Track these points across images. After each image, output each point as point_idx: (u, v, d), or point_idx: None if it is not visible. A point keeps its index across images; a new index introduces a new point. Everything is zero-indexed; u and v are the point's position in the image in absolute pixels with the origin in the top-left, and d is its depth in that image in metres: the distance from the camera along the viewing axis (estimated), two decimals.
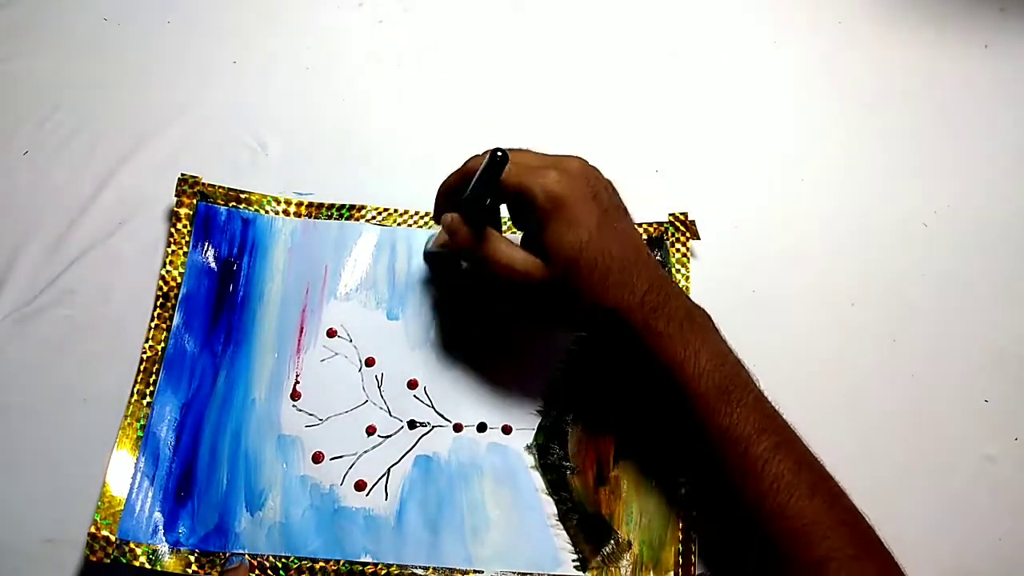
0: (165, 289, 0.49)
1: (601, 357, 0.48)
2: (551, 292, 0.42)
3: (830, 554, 0.37)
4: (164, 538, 0.43)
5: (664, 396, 0.42)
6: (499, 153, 0.40)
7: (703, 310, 0.43)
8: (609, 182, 0.44)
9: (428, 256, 0.51)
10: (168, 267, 0.49)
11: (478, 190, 0.43)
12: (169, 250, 0.50)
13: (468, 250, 0.43)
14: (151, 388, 0.46)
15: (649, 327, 0.41)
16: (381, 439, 0.46)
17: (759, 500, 0.38)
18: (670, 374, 0.41)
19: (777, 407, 0.42)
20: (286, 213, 0.52)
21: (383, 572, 0.43)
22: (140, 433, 0.45)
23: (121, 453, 0.44)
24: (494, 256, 0.43)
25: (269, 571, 0.43)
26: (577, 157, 0.44)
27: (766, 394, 0.42)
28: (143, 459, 0.44)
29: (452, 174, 0.46)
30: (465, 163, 0.45)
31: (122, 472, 0.44)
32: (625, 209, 0.44)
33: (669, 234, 0.53)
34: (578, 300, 0.41)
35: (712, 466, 0.40)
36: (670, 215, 0.54)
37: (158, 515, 0.43)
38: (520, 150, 0.43)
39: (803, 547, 0.37)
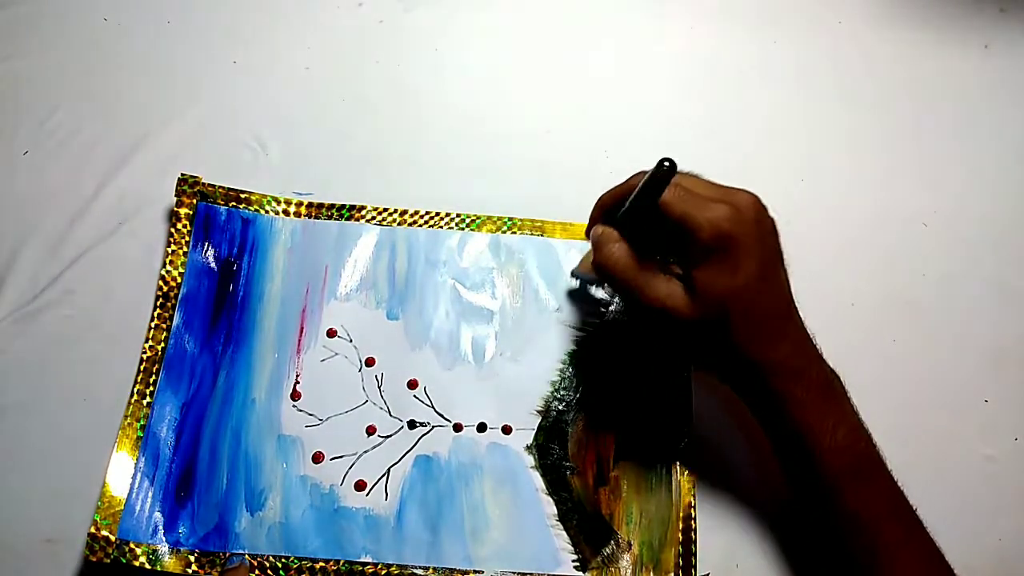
0: (165, 289, 0.49)
1: (601, 359, 0.48)
2: (693, 331, 0.40)
3: None
4: (164, 538, 0.43)
5: (793, 464, 0.40)
6: (667, 163, 0.37)
7: (838, 376, 0.42)
8: (773, 221, 0.42)
9: (574, 276, 0.50)
10: (168, 267, 0.49)
11: (639, 202, 0.39)
12: (169, 250, 0.50)
13: (613, 267, 0.40)
14: (151, 388, 0.46)
15: (789, 391, 0.39)
16: (381, 439, 0.46)
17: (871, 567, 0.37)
18: (804, 444, 0.39)
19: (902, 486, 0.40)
20: (286, 213, 0.52)
21: (383, 572, 0.43)
22: (140, 433, 0.45)
23: (121, 453, 0.44)
24: (640, 280, 0.40)
25: (269, 571, 0.43)
26: (749, 193, 0.41)
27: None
28: (143, 459, 0.44)
29: (612, 188, 0.43)
30: (628, 179, 0.42)
31: (122, 472, 0.44)
32: (782, 255, 0.42)
33: None
34: (720, 347, 0.39)
35: (838, 544, 0.39)
36: None
37: (158, 515, 0.43)
38: (689, 174, 0.40)
39: None
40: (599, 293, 0.50)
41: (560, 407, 0.48)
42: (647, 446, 0.47)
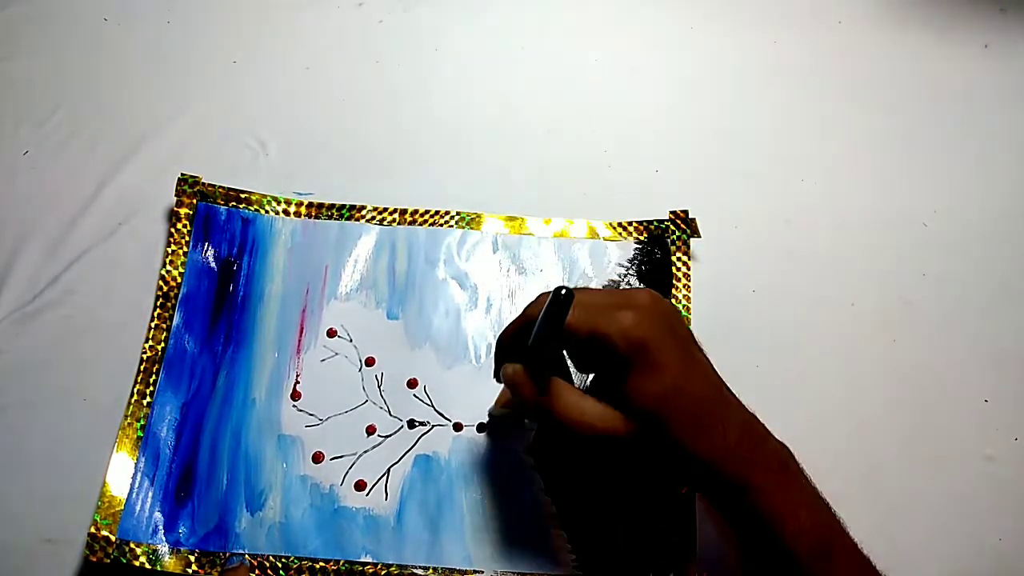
0: (165, 289, 0.49)
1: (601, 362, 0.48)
2: (635, 447, 0.38)
3: None
4: (164, 538, 0.43)
5: (761, 552, 0.38)
6: (563, 291, 0.36)
7: (787, 449, 0.39)
8: (674, 308, 0.41)
9: (491, 419, 0.47)
10: (168, 267, 0.49)
11: (543, 333, 0.38)
12: (169, 250, 0.50)
13: (535, 406, 0.39)
14: (151, 388, 0.46)
15: (745, 480, 0.37)
16: (381, 439, 0.46)
17: None
18: (769, 532, 0.37)
19: (868, 553, 0.39)
20: (286, 213, 0.52)
21: (383, 572, 0.43)
22: (140, 433, 0.45)
23: (121, 453, 0.44)
24: (567, 412, 0.38)
25: (269, 571, 0.43)
26: (644, 290, 0.40)
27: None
28: (143, 459, 0.44)
29: (511, 323, 0.41)
30: (524, 310, 0.41)
31: (122, 472, 0.44)
32: (694, 339, 0.40)
33: (669, 232, 0.53)
34: (667, 454, 0.37)
35: None
36: (671, 212, 0.54)
37: (158, 515, 0.43)
38: (581, 289, 0.39)
39: None
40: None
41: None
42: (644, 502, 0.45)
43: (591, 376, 0.43)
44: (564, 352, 0.40)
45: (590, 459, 0.42)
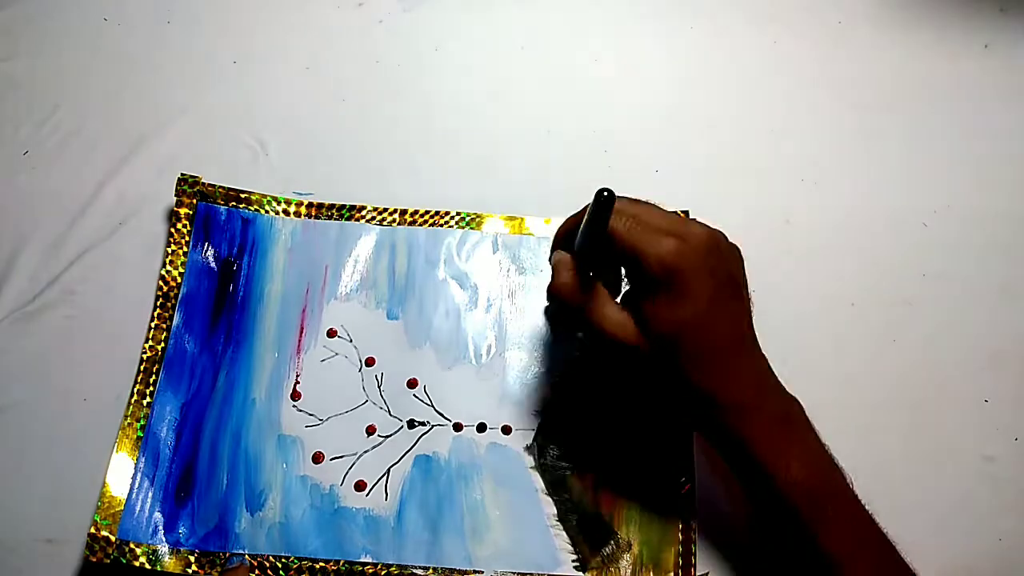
0: (165, 289, 0.49)
1: (602, 365, 0.48)
2: (643, 362, 0.39)
3: None
4: (164, 538, 0.43)
5: (754, 496, 0.40)
6: (604, 193, 0.36)
7: (798, 405, 0.41)
8: (733, 248, 0.41)
9: (547, 313, 0.49)
10: (168, 267, 0.49)
11: (586, 235, 0.39)
12: (169, 250, 0.50)
13: (566, 297, 0.40)
14: (151, 388, 0.46)
15: (741, 428, 0.38)
16: (381, 439, 0.46)
17: None
18: (764, 481, 0.38)
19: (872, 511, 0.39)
20: (286, 213, 0.52)
21: (383, 572, 0.43)
22: (140, 433, 0.45)
23: (121, 453, 0.44)
24: (590, 308, 0.40)
25: (269, 571, 0.43)
26: (699, 223, 0.41)
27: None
28: (143, 459, 0.44)
29: (573, 215, 0.42)
30: (587, 205, 0.41)
31: (122, 472, 0.44)
32: (743, 282, 0.41)
33: None
34: (671, 379, 0.39)
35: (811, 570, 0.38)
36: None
37: (158, 515, 0.43)
38: (643, 203, 0.40)
39: None
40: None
41: (560, 408, 0.48)
42: (646, 449, 0.47)
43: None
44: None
45: (607, 359, 0.43)
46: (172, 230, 0.50)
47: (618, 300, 0.42)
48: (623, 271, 0.43)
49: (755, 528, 0.44)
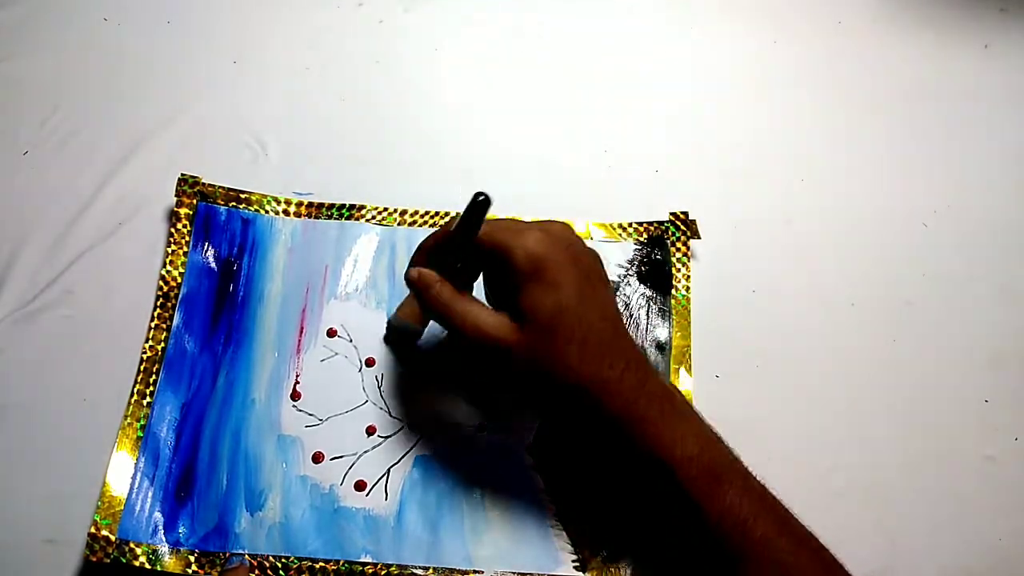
0: (165, 289, 0.49)
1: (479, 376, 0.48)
2: (524, 360, 0.39)
3: None
4: (164, 538, 0.43)
5: (649, 483, 0.39)
6: (481, 196, 0.38)
7: (677, 388, 0.42)
8: (592, 250, 0.42)
9: (391, 329, 0.48)
10: (168, 267, 0.49)
11: (458, 234, 0.41)
12: (169, 250, 0.50)
13: (437, 308, 0.41)
14: (151, 388, 0.46)
15: (630, 411, 0.38)
16: (381, 439, 0.46)
17: None
18: (657, 461, 0.38)
19: (765, 481, 0.40)
20: (286, 213, 0.52)
21: (383, 572, 0.43)
22: (140, 433, 0.45)
23: (121, 453, 0.44)
24: (463, 315, 0.40)
25: (269, 571, 0.43)
26: (559, 221, 0.42)
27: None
28: (143, 459, 0.44)
29: (432, 233, 0.44)
30: (445, 224, 0.43)
31: (122, 472, 0.44)
32: (607, 279, 0.42)
33: (669, 233, 0.53)
34: (552, 370, 0.39)
35: (711, 552, 0.38)
36: (671, 214, 0.54)
37: (158, 515, 0.43)
38: (505, 218, 0.42)
39: None
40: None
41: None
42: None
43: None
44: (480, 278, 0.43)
45: (482, 367, 0.44)
46: (172, 230, 0.50)
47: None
48: (480, 281, 0.44)
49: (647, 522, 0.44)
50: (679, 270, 0.52)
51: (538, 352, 0.39)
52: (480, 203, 0.39)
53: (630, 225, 0.54)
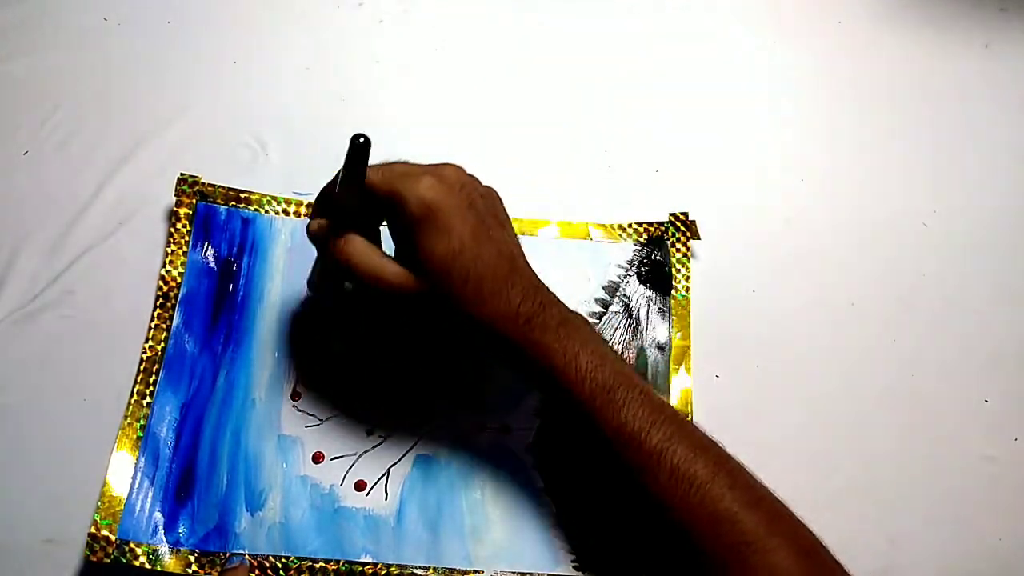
0: (165, 289, 0.49)
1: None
2: (425, 304, 0.41)
3: (743, 539, 0.36)
4: (164, 538, 0.43)
5: (555, 404, 0.41)
6: (361, 138, 0.38)
7: (579, 315, 0.43)
8: (489, 190, 0.43)
9: (309, 286, 0.48)
10: (168, 267, 0.49)
11: (344, 181, 0.40)
12: (169, 250, 0.50)
13: (333, 255, 0.41)
14: (151, 388, 0.46)
15: (526, 338, 0.40)
16: (381, 439, 0.46)
17: (663, 493, 0.37)
18: (554, 382, 0.40)
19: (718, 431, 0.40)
20: (286, 213, 0.52)
21: (383, 572, 0.43)
22: (140, 433, 0.45)
23: (121, 453, 0.44)
24: (361, 262, 0.41)
25: (269, 571, 0.43)
26: (453, 164, 0.42)
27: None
28: (143, 459, 0.44)
29: (327, 184, 0.44)
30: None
31: (122, 472, 0.44)
32: (504, 218, 0.43)
33: (669, 234, 0.53)
34: (452, 312, 0.40)
35: (612, 467, 0.39)
36: (670, 215, 0.54)
37: (158, 515, 0.43)
38: (397, 162, 0.42)
39: (713, 535, 0.36)
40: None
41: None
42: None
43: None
44: (384, 226, 0.43)
45: (388, 311, 0.44)
46: (172, 230, 0.50)
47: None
48: (384, 230, 0.44)
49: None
50: (679, 270, 0.52)
51: (437, 297, 0.40)
52: (359, 146, 0.38)
53: (630, 225, 0.54)
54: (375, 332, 0.49)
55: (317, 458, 0.46)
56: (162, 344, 0.47)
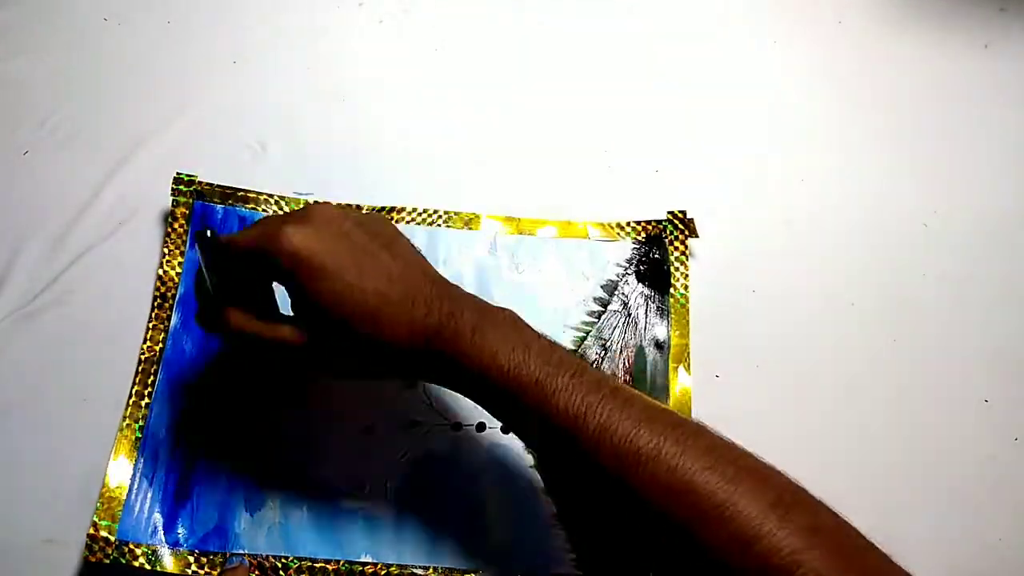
0: (163, 289, 0.49)
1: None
2: (329, 349, 0.39)
3: (708, 503, 0.34)
4: (163, 538, 0.43)
5: (490, 409, 0.39)
6: (207, 233, 0.38)
7: (503, 310, 0.40)
8: (369, 215, 0.42)
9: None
10: (165, 267, 0.49)
11: (211, 274, 0.40)
12: (165, 250, 0.50)
13: (234, 337, 0.40)
14: (149, 389, 0.46)
15: (440, 352, 0.38)
16: (381, 439, 0.46)
17: (613, 476, 0.35)
18: (480, 387, 0.38)
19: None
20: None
21: (383, 572, 0.43)
22: (139, 434, 0.45)
23: (120, 454, 0.44)
24: (251, 329, 0.39)
25: (269, 571, 0.43)
26: (319, 203, 0.40)
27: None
28: (142, 460, 0.44)
29: (198, 272, 0.42)
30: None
31: (121, 473, 0.44)
32: (391, 237, 0.41)
33: (668, 232, 0.53)
34: (358, 347, 0.39)
35: (564, 455, 0.38)
36: (669, 213, 0.54)
37: (157, 515, 0.43)
38: (261, 218, 0.40)
39: (675, 506, 0.34)
40: None
41: None
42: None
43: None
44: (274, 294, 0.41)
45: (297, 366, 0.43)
46: (168, 230, 0.50)
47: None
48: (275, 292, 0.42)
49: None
50: (678, 269, 0.52)
51: (339, 339, 0.38)
52: (206, 240, 0.38)
53: (628, 224, 0.54)
54: None
55: (317, 458, 0.45)
56: (160, 345, 0.47)
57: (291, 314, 0.40)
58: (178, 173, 0.51)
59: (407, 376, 0.42)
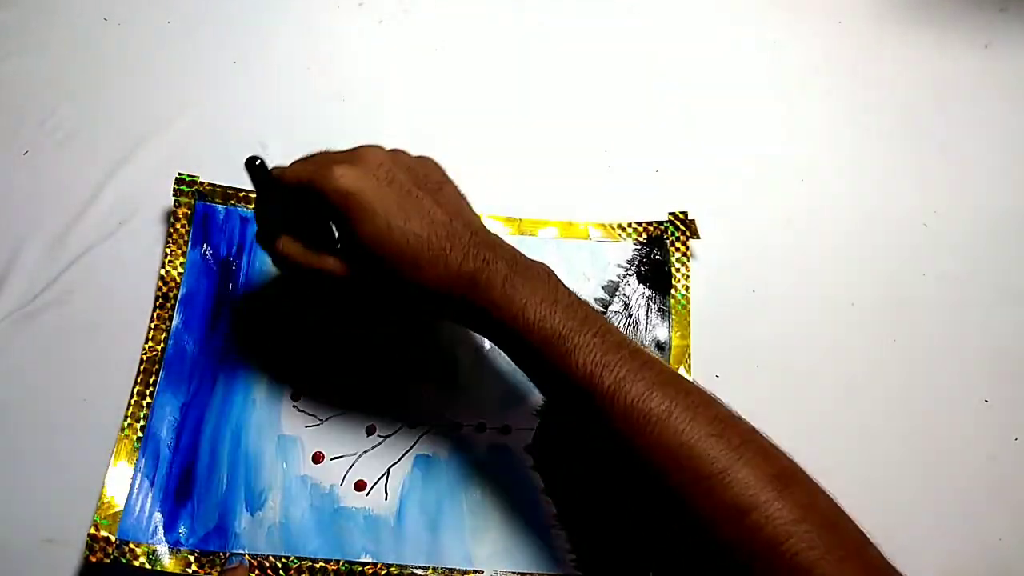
0: (164, 289, 0.49)
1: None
2: (367, 285, 0.41)
3: (708, 470, 0.35)
4: (164, 538, 0.43)
5: (515, 360, 0.41)
6: (256, 161, 0.40)
7: (538, 264, 0.42)
8: (419, 159, 0.43)
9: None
10: (167, 267, 0.49)
11: (259, 201, 0.42)
12: (168, 250, 0.50)
13: (275, 262, 0.42)
14: (151, 388, 0.46)
15: (472, 297, 0.39)
16: (381, 439, 0.46)
17: (620, 435, 0.36)
18: (505, 335, 0.40)
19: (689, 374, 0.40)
20: None
21: (383, 572, 0.43)
22: (140, 434, 0.45)
23: (121, 454, 0.44)
24: (284, 251, 0.42)
25: (269, 571, 0.43)
26: (371, 146, 0.42)
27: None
28: (143, 460, 0.44)
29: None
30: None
31: (122, 473, 0.44)
32: (438, 182, 0.43)
33: (669, 233, 0.53)
34: (396, 286, 0.40)
35: (572, 415, 0.39)
36: (670, 214, 0.54)
37: (158, 515, 0.43)
38: (316, 152, 0.42)
39: (675, 470, 0.35)
40: None
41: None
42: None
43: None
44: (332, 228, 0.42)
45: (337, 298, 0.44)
46: (170, 230, 0.50)
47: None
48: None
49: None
50: (678, 270, 0.52)
51: (377, 276, 0.40)
52: (255, 167, 0.40)
53: (629, 225, 0.54)
54: (368, 326, 0.49)
55: (317, 458, 0.46)
56: (162, 344, 0.47)
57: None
58: (180, 174, 0.51)
59: (443, 318, 0.43)
